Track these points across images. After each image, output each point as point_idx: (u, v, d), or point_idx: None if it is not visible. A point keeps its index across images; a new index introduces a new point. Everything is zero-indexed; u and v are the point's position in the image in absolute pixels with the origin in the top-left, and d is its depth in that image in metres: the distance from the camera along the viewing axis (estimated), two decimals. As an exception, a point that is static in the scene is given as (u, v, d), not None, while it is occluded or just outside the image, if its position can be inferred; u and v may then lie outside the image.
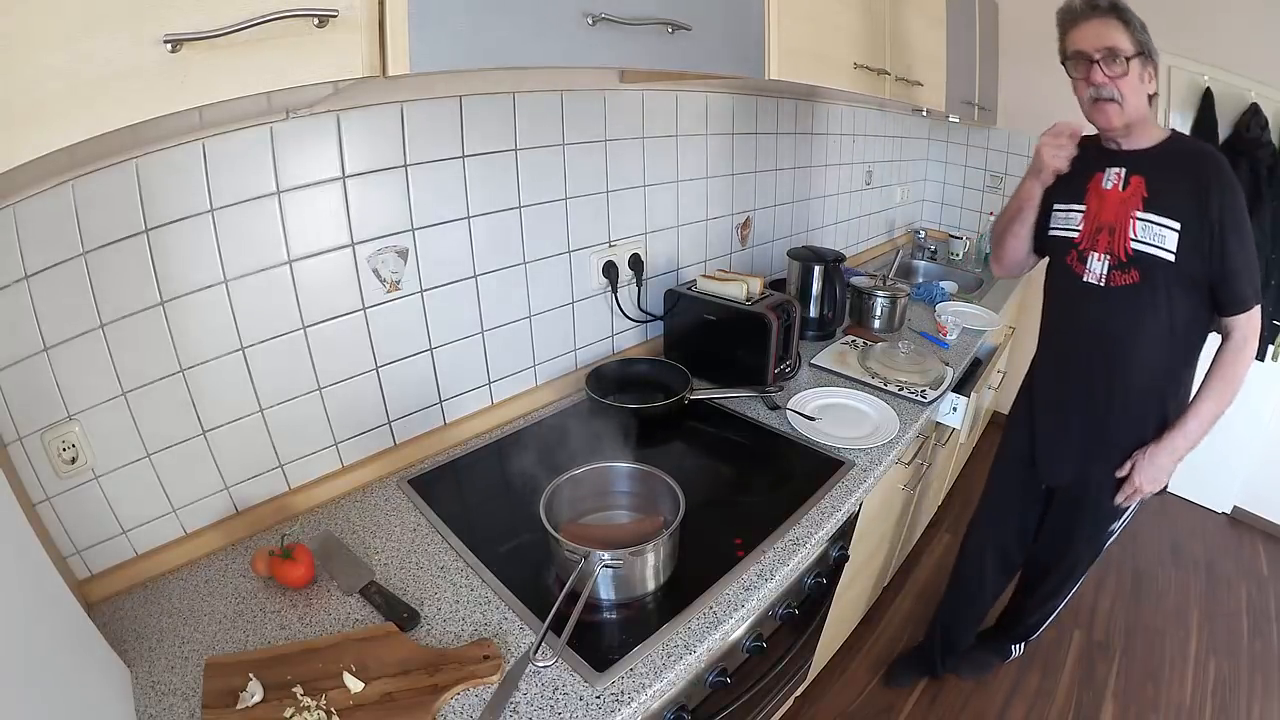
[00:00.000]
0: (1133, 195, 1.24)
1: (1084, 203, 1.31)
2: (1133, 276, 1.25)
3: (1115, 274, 1.27)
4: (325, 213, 1.01)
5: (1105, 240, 1.28)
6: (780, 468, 1.27)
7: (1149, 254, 1.21)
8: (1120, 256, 1.26)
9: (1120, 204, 1.25)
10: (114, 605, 0.91)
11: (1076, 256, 1.33)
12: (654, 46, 0.90)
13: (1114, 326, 1.30)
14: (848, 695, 1.78)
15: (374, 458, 1.19)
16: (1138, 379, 1.30)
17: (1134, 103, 1.18)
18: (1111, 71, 1.16)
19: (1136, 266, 1.24)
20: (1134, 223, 1.23)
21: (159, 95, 0.53)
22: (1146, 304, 1.25)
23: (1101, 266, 1.28)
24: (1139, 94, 1.18)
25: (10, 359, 0.78)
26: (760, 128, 1.86)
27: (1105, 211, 1.27)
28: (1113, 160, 1.27)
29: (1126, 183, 1.25)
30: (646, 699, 0.80)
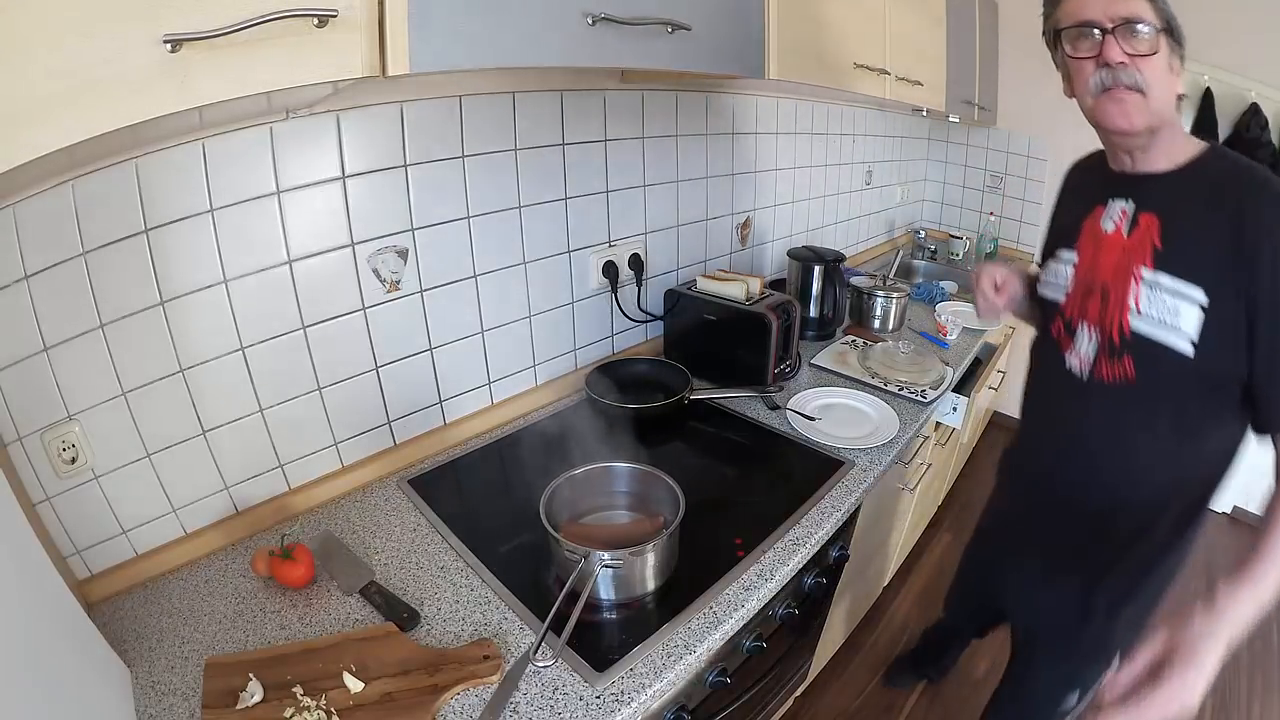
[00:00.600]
0: (1139, 244, 0.86)
1: (1076, 247, 0.97)
2: (1125, 371, 0.88)
3: (1103, 362, 0.91)
4: (325, 213, 1.01)
5: (1096, 308, 0.91)
6: (780, 468, 1.27)
7: (1153, 340, 0.84)
8: (1113, 337, 0.88)
9: (1121, 256, 0.88)
10: (114, 605, 0.91)
11: (1063, 327, 0.98)
12: (654, 46, 0.90)
13: (1093, 440, 0.95)
14: (848, 695, 1.79)
15: (374, 458, 1.19)
16: (1125, 514, 0.96)
17: (1160, 97, 0.83)
18: (1133, 47, 0.81)
19: (1133, 356, 0.87)
20: (1137, 287, 0.85)
21: (159, 95, 0.53)
22: (1140, 416, 0.89)
23: (1088, 347, 0.93)
24: (1166, 87, 0.83)
25: (10, 359, 0.78)
26: (760, 128, 1.86)
27: (1101, 265, 0.92)
28: (1117, 188, 0.92)
29: (1134, 223, 0.88)
30: (646, 699, 0.80)
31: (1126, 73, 0.82)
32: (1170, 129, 0.88)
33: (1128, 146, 0.90)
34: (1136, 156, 0.90)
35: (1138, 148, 0.89)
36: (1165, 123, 0.86)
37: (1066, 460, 1.01)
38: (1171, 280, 0.83)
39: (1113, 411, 0.92)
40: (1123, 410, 0.91)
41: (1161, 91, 0.83)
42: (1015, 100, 2.58)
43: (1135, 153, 0.90)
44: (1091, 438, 0.95)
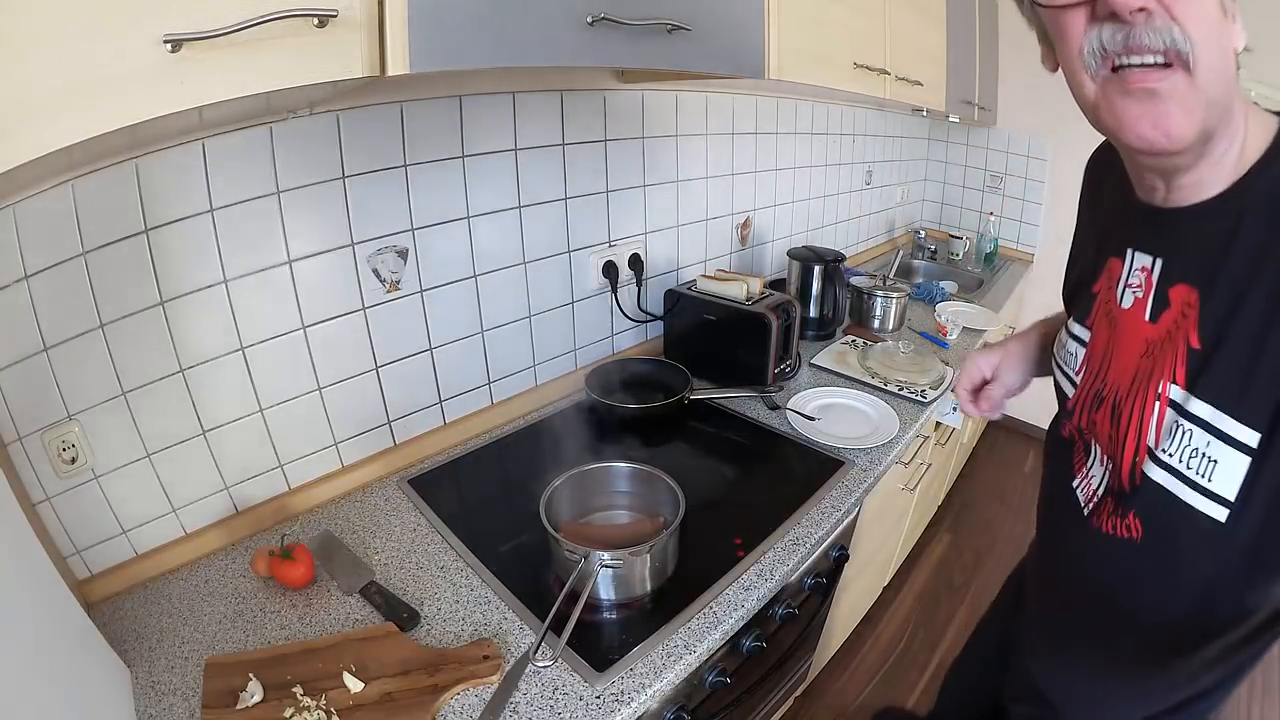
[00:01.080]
0: (1168, 339, 0.56)
1: (1089, 323, 0.68)
2: (1129, 528, 0.62)
3: (1105, 509, 0.65)
4: (325, 213, 1.01)
5: (1105, 431, 0.64)
6: (780, 468, 1.27)
7: (1172, 497, 0.57)
8: (1123, 480, 0.62)
9: (1144, 354, 0.59)
10: (114, 605, 0.91)
11: (1077, 434, 0.71)
12: (654, 46, 0.90)
13: (1087, 585, 0.72)
14: (848, 695, 1.78)
15: (374, 458, 1.19)
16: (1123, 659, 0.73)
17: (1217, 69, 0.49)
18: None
19: (1140, 511, 0.61)
20: (1160, 413, 0.57)
21: (159, 95, 0.53)
22: (1150, 585, 0.64)
23: (1098, 480, 0.66)
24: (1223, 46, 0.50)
25: (10, 359, 0.78)
26: (760, 128, 1.86)
27: (1117, 362, 0.63)
28: (1138, 231, 0.61)
29: (1161, 300, 0.58)
30: (646, 699, 0.80)
31: (1152, 28, 0.46)
32: (1230, 124, 0.52)
33: (1163, 168, 0.55)
34: (1174, 182, 0.55)
35: (1181, 168, 0.53)
36: (1225, 114, 0.51)
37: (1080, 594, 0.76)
38: (1212, 412, 0.52)
39: (1114, 570, 0.66)
40: (1127, 572, 0.65)
41: (1218, 59, 0.48)
42: (1015, 100, 2.58)
43: (1174, 176, 0.55)
44: (1104, 578, 0.69)
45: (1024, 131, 2.68)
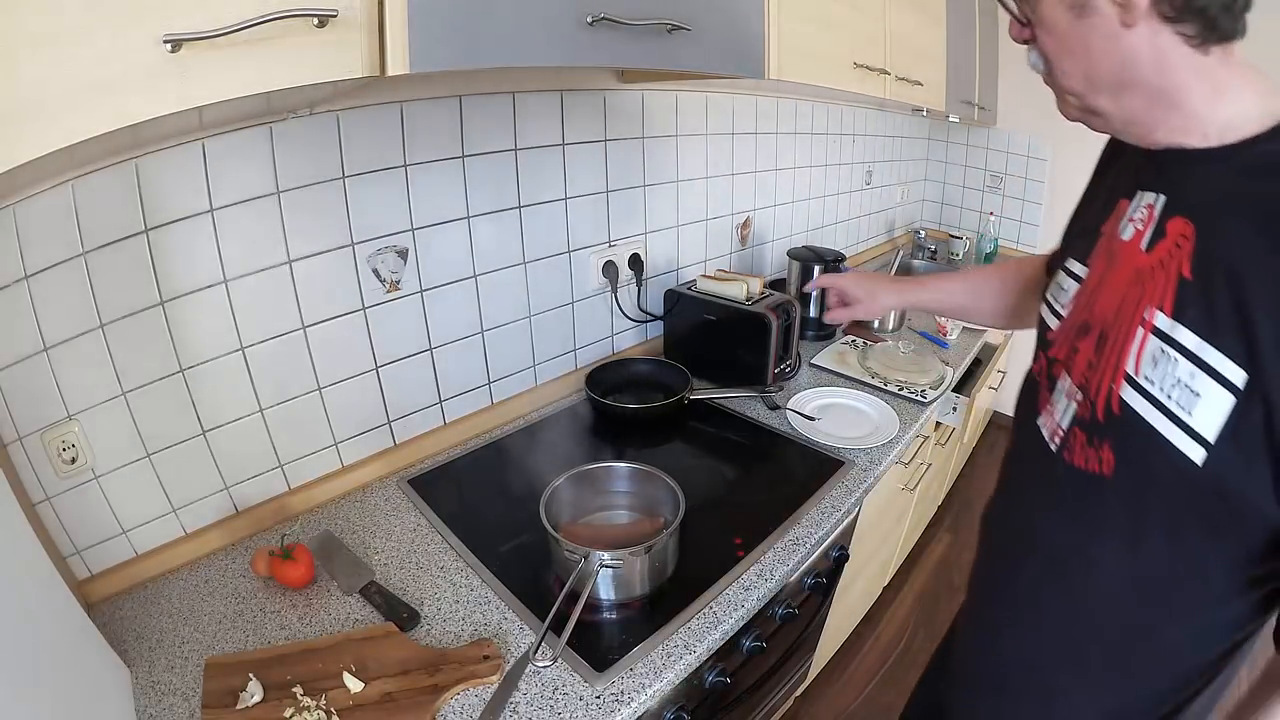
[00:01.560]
0: (1159, 267, 0.57)
1: (1089, 261, 0.69)
2: (1102, 461, 0.61)
3: (1077, 438, 0.63)
4: (325, 213, 1.01)
5: (1085, 359, 0.63)
6: (780, 468, 1.27)
7: (1149, 427, 0.56)
8: (1096, 409, 0.61)
9: (1133, 282, 0.60)
10: (114, 605, 0.91)
11: (1046, 366, 0.71)
12: (654, 46, 0.90)
13: (1051, 533, 0.69)
14: (848, 695, 1.78)
15: (374, 458, 1.19)
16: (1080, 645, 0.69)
17: (1074, 70, 0.60)
18: (1018, 16, 0.63)
19: (1114, 443, 0.59)
20: (1143, 339, 0.57)
21: (159, 95, 0.53)
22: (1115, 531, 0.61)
23: (1065, 409, 0.66)
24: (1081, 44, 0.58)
25: (10, 359, 0.78)
26: (760, 128, 1.86)
27: (1107, 292, 0.63)
28: (1147, 175, 0.63)
29: (1159, 231, 0.59)
30: (646, 699, 0.80)
31: (1031, 55, 0.63)
32: (1157, 93, 0.56)
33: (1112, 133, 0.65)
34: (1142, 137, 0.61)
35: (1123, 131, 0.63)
36: (1126, 89, 0.57)
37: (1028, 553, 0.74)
38: (1197, 341, 0.52)
39: (1079, 510, 0.64)
40: (1092, 513, 0.63)
41: (1071, 64, 0.59)
42: (1015, 100, 2.58)
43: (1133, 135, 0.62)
44: (1057, 532, 0.68)
45: (1024, 131, 2.68)
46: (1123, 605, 0.64)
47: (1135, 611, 0.63)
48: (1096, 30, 0.56)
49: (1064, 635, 0.70)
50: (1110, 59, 0.57)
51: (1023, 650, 0.76)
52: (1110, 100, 0.60)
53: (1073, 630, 0.69)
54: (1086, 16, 0.56)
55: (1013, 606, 0.77)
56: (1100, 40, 0.56)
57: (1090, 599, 0.66)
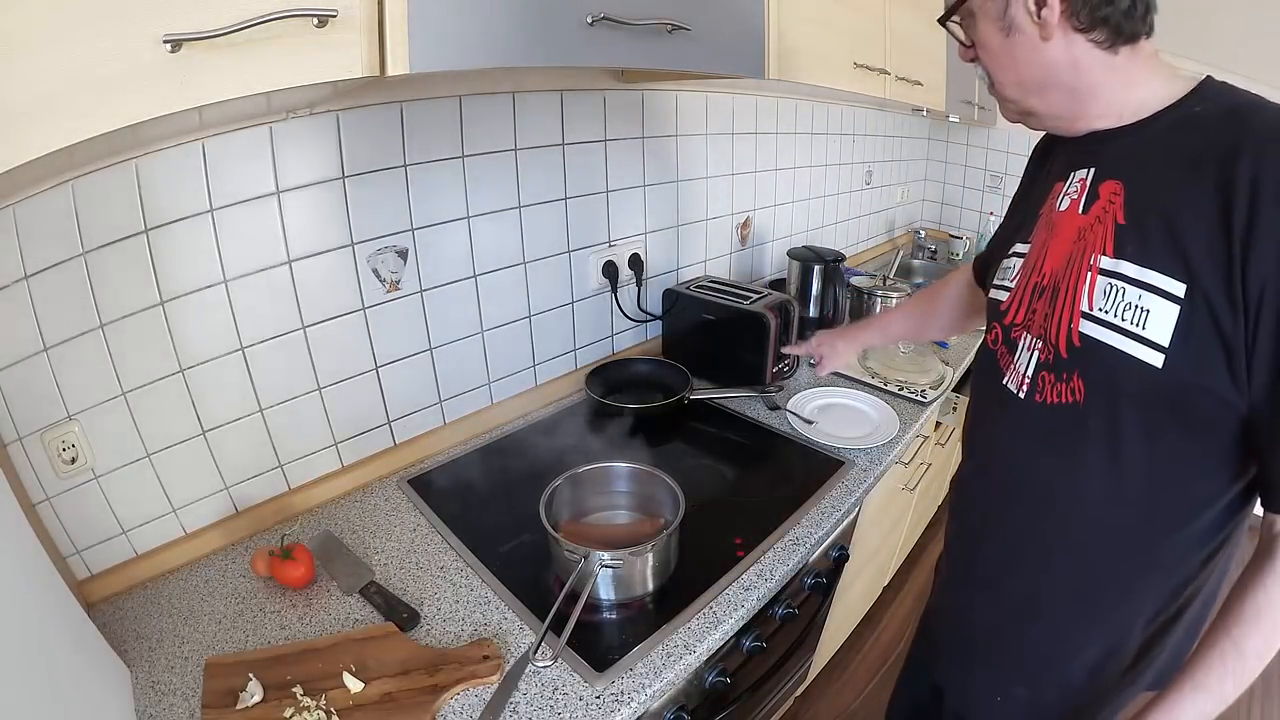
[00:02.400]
0: (1097, 221, 0.67)
1: (1030, 239, 0.78)
2: (1073, 391, 0.68)
3: (1046, 380, 0.70)
4: (325, 213, 1.01)
5: (1041, 313, 0.71)
6: (780, 468, 1.27)
7: (1109, 348, 0.63)
8: (1059, 349, 0.68)
9: (1076, 239, 0.69)
10: (114, 605, 0.91)
11: (1001, 336, 0.79)
12: (654, 46, 0.90)
13: (1035, 476, 0.74)
14: (848, 695, 1.79)
15: (374, 458, 1.19)
16: (1070, 578, 0.75)
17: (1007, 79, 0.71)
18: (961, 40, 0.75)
19: (1083, 372, 0.67)
20: (1091, 280, 0.65)
21: (159, 95, 0.53)
22: (1097, 451, 0.67)
23: (1028, 362, 0.73)
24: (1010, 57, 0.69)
25: (10, 359, 0.78)
26: (760, 128, 1.86)
27: (1052, 254, 0.72)
28: (1078, 157, 0.73)
29: (1092, 195, 0.68)
30: (646, 699, 0.80)
31: (978, 70, 0.75)
32: (1072, 90, 0.68)
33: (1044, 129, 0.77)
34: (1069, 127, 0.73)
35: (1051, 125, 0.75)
36: (1048, 89, 0.69)
37: (1006, 503, 0.79)
38: (1138, 270, 0.61)
39: (1059, 443, 0.70)
40: (1073, 436, 0.69)
41: (1005, 74, 0.70)
42: (1015, 100, 2.58)
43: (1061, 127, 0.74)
44: (1036, 469, 0.74)
45: (1024, 131, 2.65)
46: (1113, 527, 0.70)
47: (1126, 531, 0.69)
48: (1021, 46, 0.67)
49: (1062, 571, 0.75)
50: (1035, 67, 0.68)
51: (1024, 594, 0.79)
52: (1039, 100, 0.71)
53: (1070, 563, 0.74)
54: (1013, 35, 0.67)
55: (1009, 554, 0.80)
56: (1025, 53, 0.68)
57: (1083, 528, 0.72)
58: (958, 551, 0.91)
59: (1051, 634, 0.78)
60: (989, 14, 0.68)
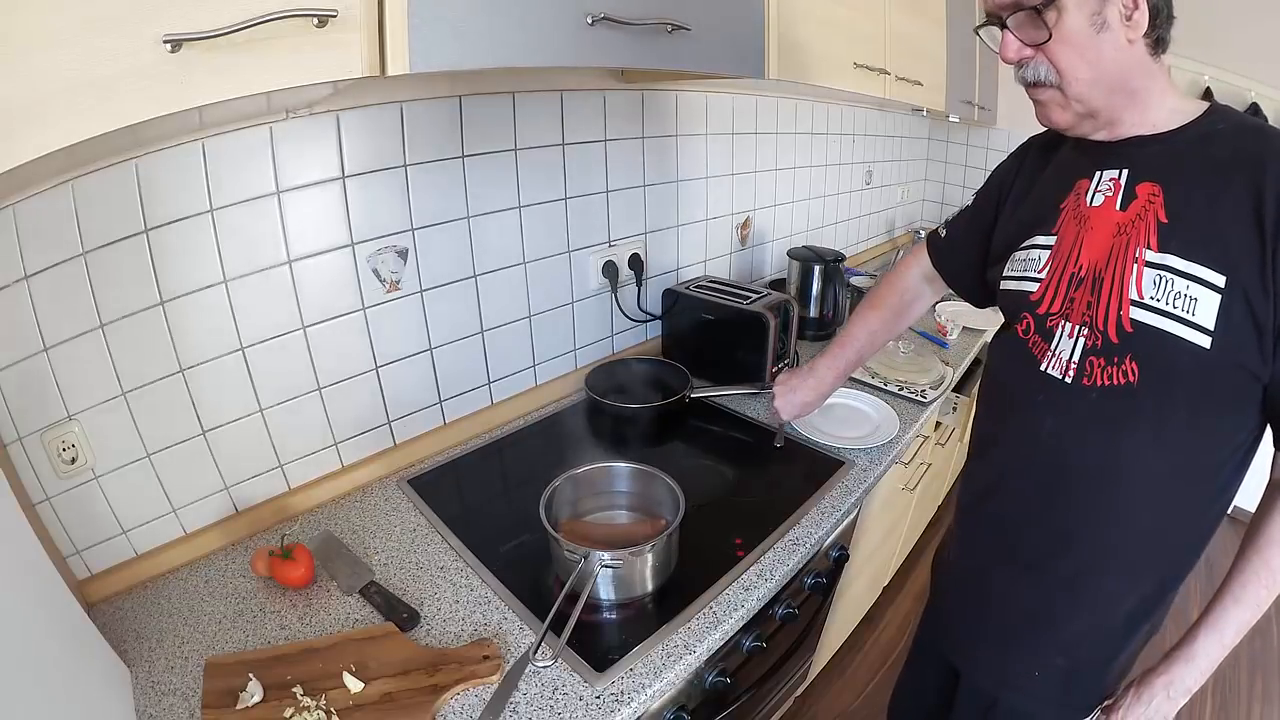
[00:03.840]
0: (1139, 218, 0.72)
1: (1055, 231, 0.80)
2: (1127, 373, 0.72)
3: (1095, 365, 0.74)
4: (325, 213, 1.01)
5: (1083, 302, 0.75)
6: (780, 467, 1.27)
7: (1162, 333, 0.69)
8: (1109, 335, 0.72)
9: (1117, 234, 0.73)
10: (114, 605, 0.91)
11: (1034, 325, 0.81)
12: (654, 46, 0.90)
13: (1084, 457, 0.77)
14: (848, 695, 1.79)
15: (374, 458, 1.19)
16: (1117, 547, 0.79)
17: (1085, 78, 0.70)
18: (1029, 36, 0.70)
19: (1136, 354, 0.71)
20: (1139, 272, 0.70)
21: (159, 95, 0.53)
22: (1147, 426, 0.73)
23: (1072, 349, 0.76)
24: (1094, 58, 0.69)
25: (10, 359, 0.78)
26: (760, 128, 1.86)
27: (1090, 246, 0.75)
28: (1103, 159, 0.76)
29: (1129, 194, 0.73)
30: (646, 699, 0.80)
31: (1031, 68, 0.73)
32: (1132, 92, 0.72)
33: (1084, 132, 0.77)
34: (1114, 131, 0.75)
35: (1100, 127, 0.75)
36: (1116, 90, 0.71)
37: (1046, 488, 0.82)
38: (1184, 263, 0.68)
39: (1116, 418, 0.74)
40: (1128, 416, 0.73)
41: (1085, 71, 0.70)
42: (1015, 100, 2.57)
43: (1106, 128, 0.75)
44: (1084, 452, 0.77)
45: (1024, 131, 2.66)
46: (1160, 497, 0.76)
47: (1170, 499, 0.76)
48: (1108, 42, 0.69)
49: (1112, 544, 0.79)
50: (1115, 66, 0.70)
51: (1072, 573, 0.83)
52: (1106, 100, 0.72)
53: (1119, 536, 0.79)
54: (1104, 31, 0.68)
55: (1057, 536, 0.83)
56: (1111, 51, 0.69)
57: (1130, 501, 0.77)
58: (989, 539, 0.92)
59: (1095, 606, 0.83)
60: (1086, 8, 0.68)
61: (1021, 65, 0.74)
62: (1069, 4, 0.68)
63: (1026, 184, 0.91)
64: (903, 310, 1.18)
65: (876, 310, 1.19)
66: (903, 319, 1.19)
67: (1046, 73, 0.72)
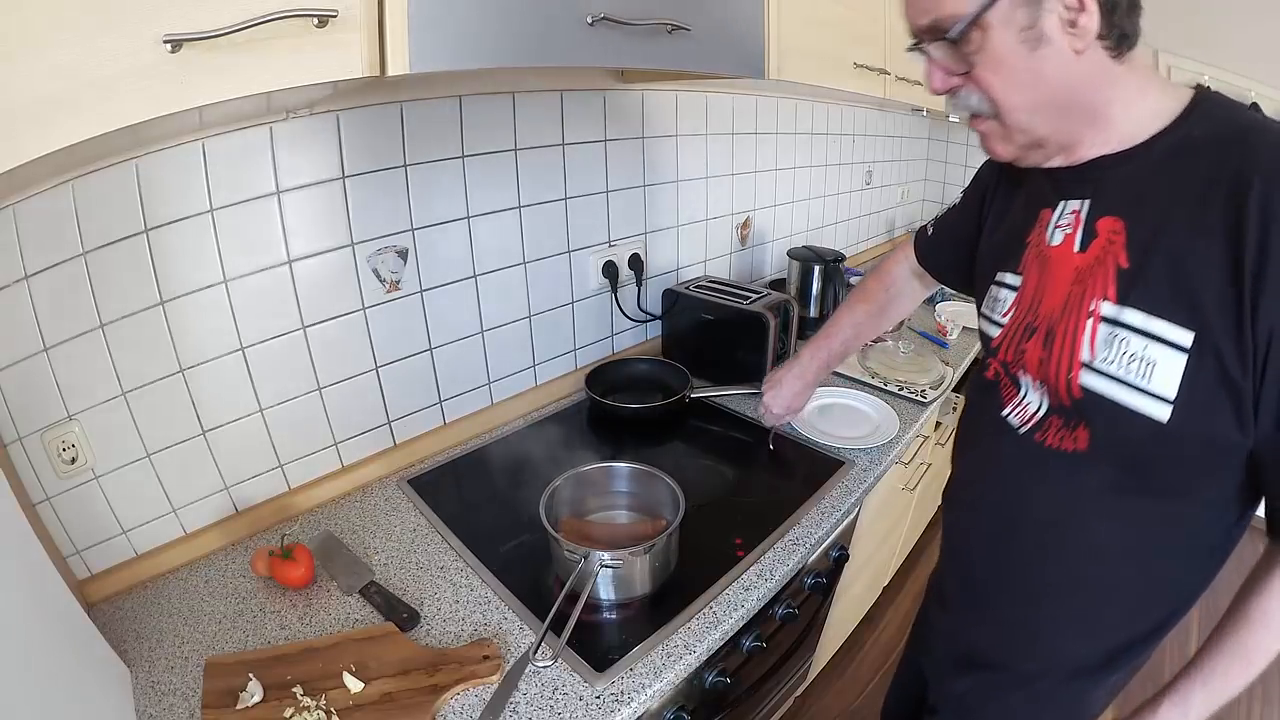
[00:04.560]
0: (1097, 263, 0.62)
1: (1020, 270, 0.73)
2: (1077, 441, 0.65)
3: (1053, 424, 0.68)
4: (325, 212, 1.01)
5: (1035, 356, 0.68)
6: (780, 467, 1.27)
7: (1113, 403, 0.60)
8: (1062, 397, 0.65)
9: (1074, 282, 0.64)
10: (114, 605, 0.91)
11: (1002, 371, 0.75)
12: (654, 46, 0.90)
13: (1034, 512, 0.72)
14: (848, 695, 1.79)
15: (374, 458, 1.19)
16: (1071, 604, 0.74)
17: (1024, 102, 0.60)
18: (955, 63, 0.61)
19: (1087, 423, 0.64)
20: (1093, 328, 0.62)
21: (159, 95, 0.53)
22: (1102, 494, 0.66)
23: (1038, 403, 0.69)
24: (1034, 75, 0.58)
25: (10, 359, 0.78)
26: (760, 128, 1.86)
27: (1049, 294, 0.67)
28: (1065, 185, 0.67)
29: (1089, 232, 0.64)
30: (646, 699, 0.80)
31: (962, 99, 0.63)
32: (1090, 109, 0.61)
33: (1034, 162, 0.67)
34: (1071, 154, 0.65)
35: (1053, 155, 0.66)
36: (1068, 112, 0.61)
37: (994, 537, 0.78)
38: (1144, 318, 0.58)
39: (1061, 484, 0.68)
40: (1075, 483, 0.67)
41: (1022, 97, 0.60)
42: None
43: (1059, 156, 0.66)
44: (1039, 508, 0.71)
45: (1024, 131, 2.67)
46: (1114, 562, 0.68)
47: (1126, 564, 0.68)
48: (1049, 60, 0.58)
49: (1062, 601, 0.74)
50: (1061, 86, 0.59)
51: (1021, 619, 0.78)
52: (1054, 126, 0.62)
53: (1069, 592, 0.73)
54: (1040, 47, 0.57)
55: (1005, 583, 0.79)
56: (1053, 69, 0.58)
57: (1081, 563, 0.70)
58: (953, 570, 0.90)
59: (1050, 651, 0.78)
60: (1013, 24, 0.56)
61: (954, 94, 0.64)
62: (993, 21, 0.56)
63: (1004, 202, 0.82)
64: (888, 304, 1.16)
65: (864, 304, 1.17)
66: (888, 313, 1.17)
67: (979, 102, 0.62)
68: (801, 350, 1.22)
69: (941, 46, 0.60)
